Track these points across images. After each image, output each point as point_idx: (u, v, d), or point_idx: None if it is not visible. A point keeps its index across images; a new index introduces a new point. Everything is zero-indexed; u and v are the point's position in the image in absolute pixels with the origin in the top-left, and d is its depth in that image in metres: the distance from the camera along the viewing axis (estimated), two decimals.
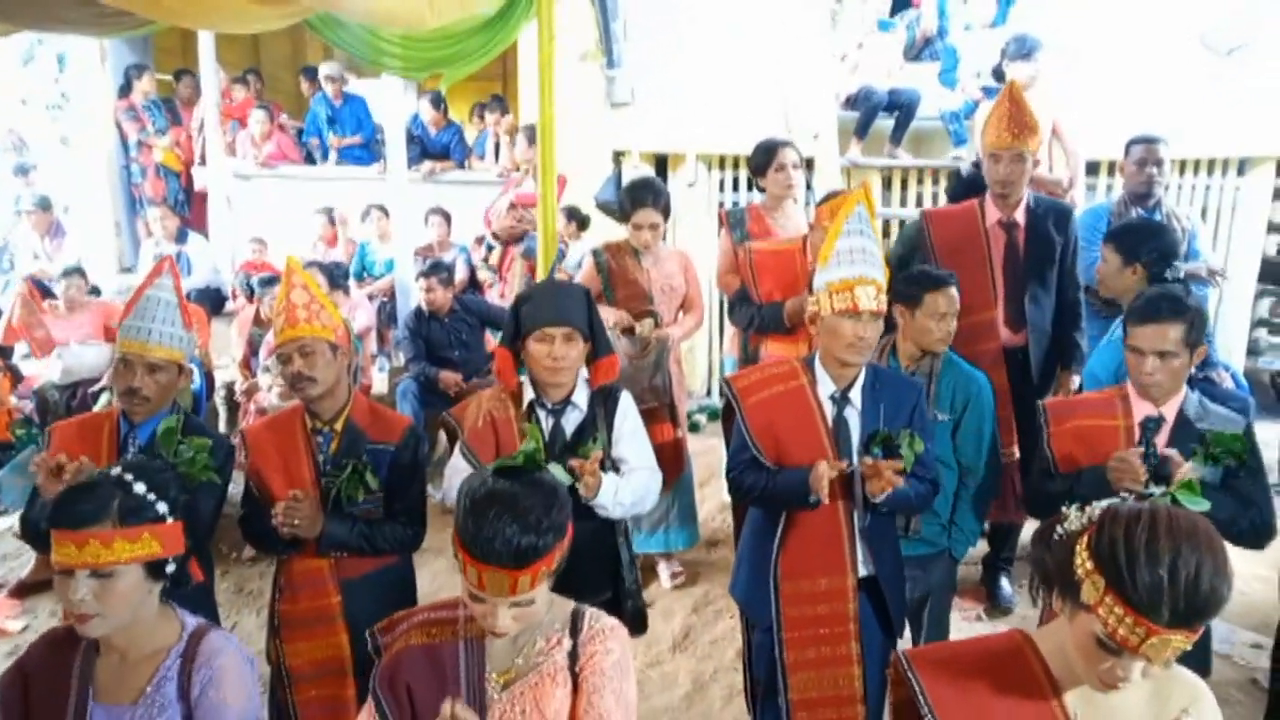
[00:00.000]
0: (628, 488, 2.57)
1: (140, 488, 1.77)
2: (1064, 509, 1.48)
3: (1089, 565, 1.38)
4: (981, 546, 4.12)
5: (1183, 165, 6.05)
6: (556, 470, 1.73)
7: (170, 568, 1.80)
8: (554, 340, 2.53)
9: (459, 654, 1.71)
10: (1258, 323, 6.33)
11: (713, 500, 4.82)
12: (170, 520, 1.79)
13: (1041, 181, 4.98)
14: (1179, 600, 1.31)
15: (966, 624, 3.81)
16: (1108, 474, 2.41)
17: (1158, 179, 4.15)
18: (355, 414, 2.65)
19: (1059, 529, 1.47)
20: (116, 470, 1.80)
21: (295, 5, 2.72)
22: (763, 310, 3.85)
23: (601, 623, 1.75)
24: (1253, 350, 6.33)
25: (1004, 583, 4.01)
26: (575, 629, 1.72)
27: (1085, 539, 1.41)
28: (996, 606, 3.96)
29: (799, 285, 3.74)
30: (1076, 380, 3.67)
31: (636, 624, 2.77)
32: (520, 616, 1.63)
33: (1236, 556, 1.53)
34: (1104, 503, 1.45)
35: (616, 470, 2.64)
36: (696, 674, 3.69)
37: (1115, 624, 1.34)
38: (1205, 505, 1.49)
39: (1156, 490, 1.50)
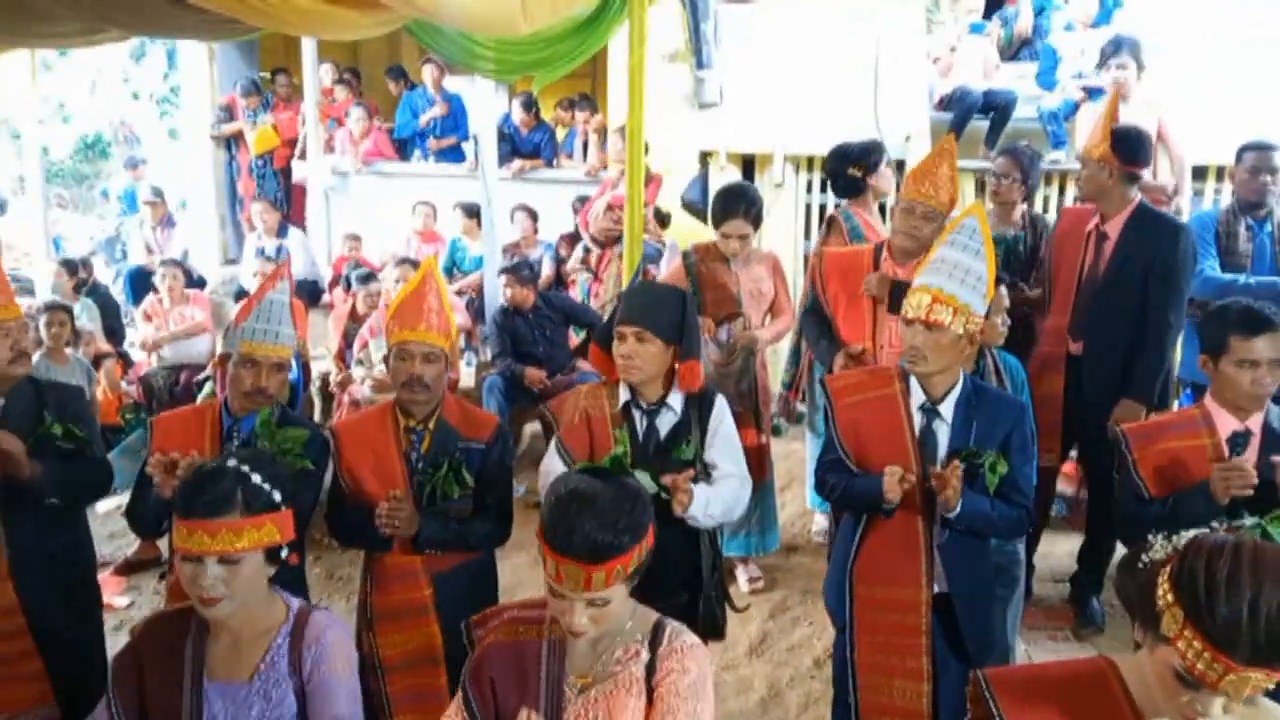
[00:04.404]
0: (719, 498, 2.55)
1: (258, 478, 1.86)
2: (1150, 537, 1.45)
3: (1169, 597, 1.36)
4: (1069, 564, 4.03)
5: None
6: (643, 477, 1.75)
7: (284, 552, 1.90)
8: (625, 338, 2.57)
9: (542, 653, 1.75)
10: None
11: (793, 505, 4.80)
12: (284, 508, 1.89)
13: (1144, 188, 4.80)
14: (1259, 637, 1.28)
15: (1053, 643, 3.72)
16: (1212, 487, 2.33)
17: (1271, 188, 3.97)
18: (446, 413, 2.72)
19: (1143, 557, 1.44)
20: (233, 462, 1.89)
21: (392, 14, 2.80)
22: (823, 344, 3.74)
23: (682, 639, 1.76)
24: None
25: (1093, 601, 3.90)
26: (655, 642, 1.74)
27: (1168, 569, 1.38)
28: (1085, 625, 3.85)
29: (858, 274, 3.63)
30: (1140, 414, 3.52)
31: (712, 630, 2.77)
32: (597, 617, 1.65)
33: None
34: (1191, 532, 1.41)
35: (708, 474, 2.64)
36: (772, 680, 3.68)
37: (1194, 658, 1.32)
38: None
39: (1249, 521, 1.46)
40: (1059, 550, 4.24)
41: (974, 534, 2.55)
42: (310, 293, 7.47)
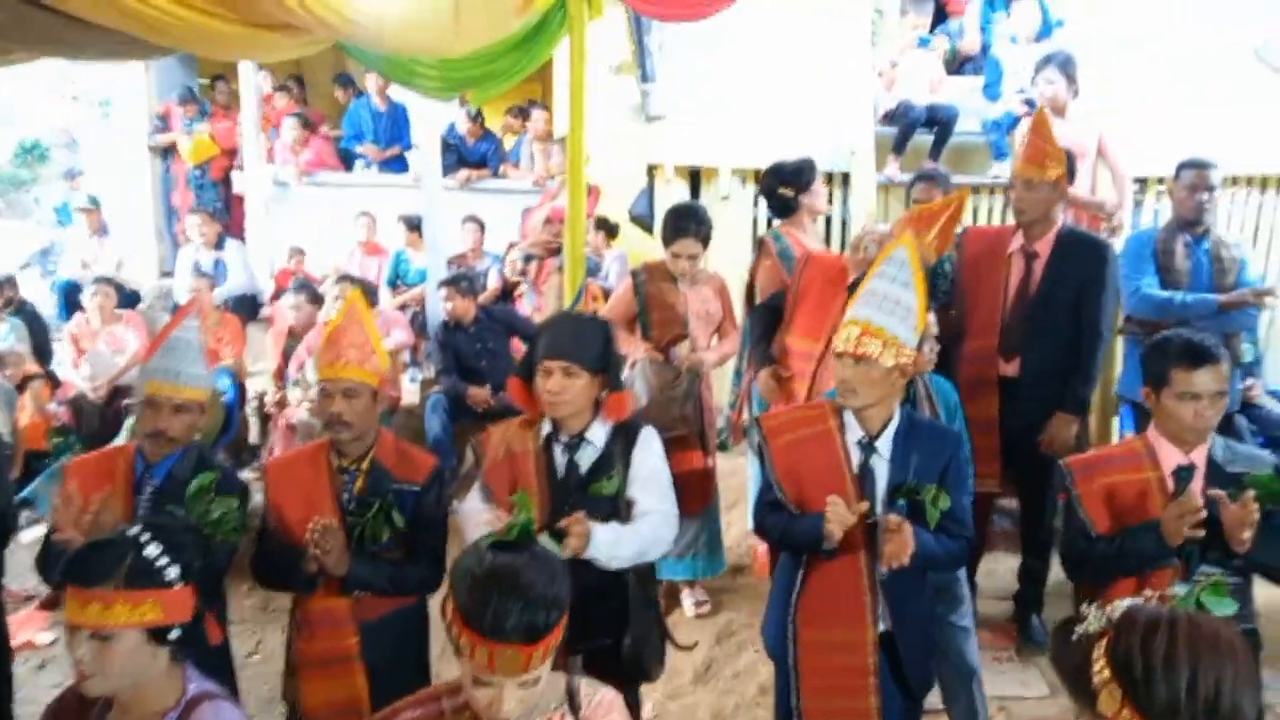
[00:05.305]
0: (630, 538, 2.43)
1: (153, 550, 1.75)
2: (1083, 608, 1.41)
3: (1106, 674, 1.32)
4: (1011, 583, 4.03)
5: (1234, 181, 5.87)
6: (547, 542, 1.70)
7: (174, 634, 1.77)
8: (552, 373, 2.47)
9: None
10: None
11: (739, 525, 4.75)
12: (180, 585, 1.76)
13: (1085, 204, 4.84)
14: (1198, 716, 1.25)
15: (998, 664, 3.71)
16: (1164, 528, 2.32)
17: (1208, 205, 4.03)
18: (381, 453, 2.63)
19: (1077, 629, 1.40)
20: (136, 529, 1.78)
21: (311, 35, 2.68)
22: (760, 347, 3.87)
23: (600, 694, 1.72)
24: None
25: (1034, 620, 3.91)
26: (574, 705, 1.68)
27: (1104, 644, 1.34)
28: (1028, 643, 3.86)
29: (840, 285, 3.61)
30: (1073, 429, 3.58)
31: (638, 675, 2.68)
32: (526, 698, 1.59)
33: None
34: (1124, 603, 1.37)
35: (624, 512, 2.52)
36: (717, 709, 3.63)
37: None
38: (1231, 608, 1.42)
39: (1181, 590, 1.42)
40: (1002, 568, 4.25)
41: (917, 570, 2.50)
42: (249, 307, 7.28)
